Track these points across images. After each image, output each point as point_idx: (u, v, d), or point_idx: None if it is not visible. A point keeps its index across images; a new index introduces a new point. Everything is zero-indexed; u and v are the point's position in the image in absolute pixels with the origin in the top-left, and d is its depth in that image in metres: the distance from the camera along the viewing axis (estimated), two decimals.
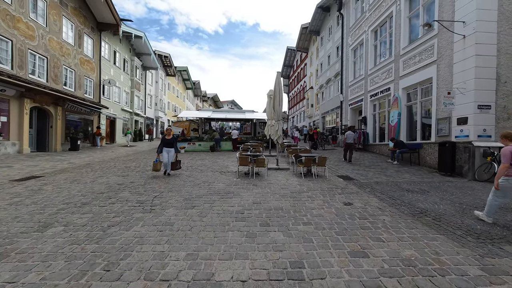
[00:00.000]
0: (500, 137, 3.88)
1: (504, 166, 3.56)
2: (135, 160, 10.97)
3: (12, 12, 10.08)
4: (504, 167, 3.57)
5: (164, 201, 4.87)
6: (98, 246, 2.99)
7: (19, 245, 3.01)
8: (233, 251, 2.92)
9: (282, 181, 6.95)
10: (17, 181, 6.64)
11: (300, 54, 35.27)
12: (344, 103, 18.50)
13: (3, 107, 9.91)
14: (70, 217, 3.96)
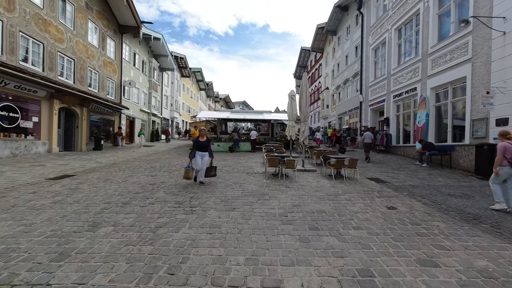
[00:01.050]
0: (498, 135, 4.86)
1: (499, 158, 4.52)
2: (158, 160, 11.08)
3: (44, 16, 10.42)
4: (498, 159, 4.52)
5: (202, 203, 4.82)
6: (154, 248, 2.94)
7: (76, 245, 3.01)
8: (292, 256, 2.81)
9: (313, 183, 6.79)
10: (52, 179, 6.79)
11: (315, 55, 34.86)
12: (364, 104, 18.09)
13: (34, 108, 10.24)
14: (115, 217, 3.97)
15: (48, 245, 2.99)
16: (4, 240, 3.13)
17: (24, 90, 9.41)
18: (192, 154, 6.25)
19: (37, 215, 4.02)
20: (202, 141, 6.34)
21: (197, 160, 6.24)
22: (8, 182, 6.17)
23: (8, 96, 9.07)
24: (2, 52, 8.68)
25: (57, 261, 2.64)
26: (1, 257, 2.70)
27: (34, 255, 2.76)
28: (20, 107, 9.54)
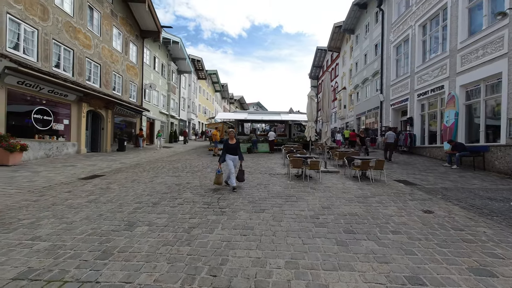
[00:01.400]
0: None
1: None
2: (179, 161, 11.28)
3: (74, 24, 10.96)
4: None
5: (230, 204, 4.82)
6: (191, 249, 2.96)
7: (117, 243, 3.09)
8: (332, 260, 2.72)
9: (338, 185, 6.62)
10: (84, 179, 7.08)
11: (331, 54, 34.27)
12: (385, 103, 17.52)
13: (65, 111, 10.77)
14: (148, 217, 4.05)
15: (91, 243, 3.09)
16: (50, 237, 3.27)
17: (57, 94, 9.93)
18: (222, 157, 5.94)
19: (75, 214, 4.19)
20: (232, 143, 6.04)
21: (228, 164, 5.95)
22: (45, 182, 6.50)
23: (42, 100, 9.60)
24: (37, 59, 9.22)
25: (101, 259, 2.71)
26: (50, 254, 2.82)
27: (79, 252, 2.86)
28: (52, 110, 10.07)
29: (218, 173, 5.86)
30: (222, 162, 5.96)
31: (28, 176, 6.93)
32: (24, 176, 6.96)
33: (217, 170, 5.90)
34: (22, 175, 7.00)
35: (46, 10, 9.48)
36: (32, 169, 7.79)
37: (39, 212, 4.24)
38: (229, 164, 5.93)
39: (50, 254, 2.80)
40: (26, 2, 8.61)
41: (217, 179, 5.88)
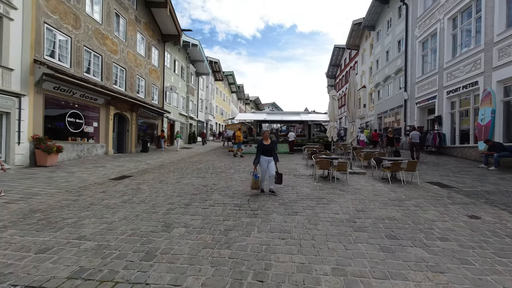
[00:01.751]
0: None
1: None
2: (201, 162, 11.42)
3: (102, 30, 11.46)
4: None
5: (261, 206, 4.78)
6: (232, 252, 2.93)
7: (157, 245, 3.13)
8: (381, 268, 2.59)
9: (368, 187, 6.39)
10: (114, 180, 7.33)
11: (349, 52, 33.45)
12: (409, 102, 16.78)
13: (94, 114, 11.27)
14: (183, 218, 4.09)
15: (133, 244, 3.16)
16: (94, 237, 3.38)
17: (87, 98, 10.41)
18: (257, 160, 5.52)
19: (113, 214, 4.32)
20: (267, 144, 5.61)
21: (262, 167, 5.56)
22: (80, 182, 6.80)
23: (74, 104, 10.11)
24: (70, 65, 9.71)
25: (146, 260, 2.75)
26: (97, 253, 2.91)
27: (124, 253, 2.92)
28: (83, 114, 10.57)
29: (256, 177, 5.43)
30: (257, 165, 5.55)
31: (64, 177, 7.29)
32: (61, 176, 7.33)
33: (253, 174, 5.47)
34: (59, 176, 7.37)
35: (78, 18, 9.98)
36: (67, 170, 8.20)
37: (80, 212, 4.42)
38: (263, 166, 5.58)
39: (97, 254, 2.89)
40: (61, 12, 9.11)
41: (254, 183, 5.48)
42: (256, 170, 5.51)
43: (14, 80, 7.48)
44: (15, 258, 2.80)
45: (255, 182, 5.49)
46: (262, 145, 5.63)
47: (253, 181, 5.50)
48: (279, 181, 5.65)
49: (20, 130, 7.69)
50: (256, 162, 5.55)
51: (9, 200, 4.99)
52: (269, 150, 5.61)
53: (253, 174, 5.48)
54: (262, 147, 5.61)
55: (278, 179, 5.62)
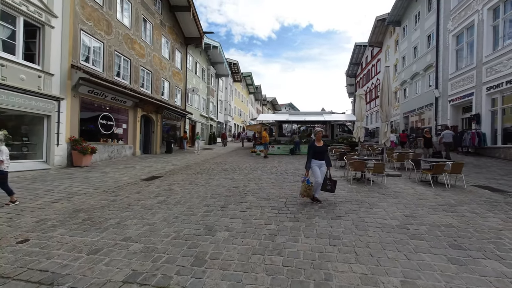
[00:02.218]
0: None
1: None
2: (225, 163, 11.40)
3: (131, 35, 11.83)
4: None
5: (299, 209, 4.58)
6: (285, 259, 2.77)
7: (204, 249, 3.04)
8: (460, 283, 2.31)
9: (408, 190, 5.98)
10: (146, 180, 7.45)
11: (371, 50, 32.35)
12: (441, 100, 15.81)
13: (123, 116, 11.64)
14: (223, 221, 4.00)
15: (180, 247, 3.09)
16: (139, 238, 3.36)
17: (117, 101, 10.76)
18: (308, 164, 4.88)
19: (152, 215, 4.32)
20: (319, 146, 4.94)
21: (314, 171, 4.88)
22: (114, 182, 6.97)
23: (106, 107, 10.48)
24: (103, 69, 10.09)
25: (197, 265, 2.66)
26: (147, 256, 2.86)
27: (173, 257, 2.86)
28: (113, 116, 10.94)
29: (308, 183, 4.75)
30: (309, 169, 4.87)
31: (99, 177, 7.51)
32: (96, 176, 7.56)
33: (305, 179, 4.76)
34: (94, 176, 7.62)
35: (110, 24, 10.36)
36: (100, 170, 8.47)
37: (120, 212, 4.47)
38: (314, 171, 4.87)
39: (147, 257, 2.85)
40: (95, 19, 9.49)
41: (306, 190, 4.79)
42: (308, 175, 4.82)
43: (54, 84, 7.85)
44: (69, 258, 2.82)
45: (307, 189, 4.78)
46: (313, 147, 4.94)
47: (305, 188, 4.78)
48: (333, 188, 4.95)
49: (59, 132, 8.06)
50: (308, 166, 4.89)
51: (53, 200, 5.18)
52: (321, 152, 4.92)
53: (304, 180, 4.77)
54: (314, 149, 4.93)
55: (332, 186, 4.93)
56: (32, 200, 5.05)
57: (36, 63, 7.42)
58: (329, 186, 4.92)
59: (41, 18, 7.35)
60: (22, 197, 5.21)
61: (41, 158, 7.79)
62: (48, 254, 2.91)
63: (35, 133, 7.74)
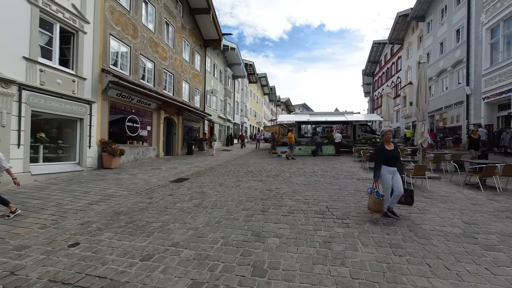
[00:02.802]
0: None
1: None
2: (248, 165, 11.26)
3: (155, 39, 12.01)
4: None
5: (346, 213, 4.34)
6: (352, 271, 2.55)
7: (259, 257, 2.88)
8: None
9: (455, 194, 5.57)
10: (174, 182, 7.43)
11: (391, 48, 31.33)
12: (473, 97, 14.91)
13: (147, 118, 11.81)
14: (268, 227, 3.83)
15: (233, 255, 2.94)
16: (187, 244, 3.25)
17: (142, 103, 10.92)
18: (377, 172, 4.00)
19: (193, 219, 4.22)
20: (391, 150, 4.06)
21: (385, 181, 3.99)
22: (145, 184, 7.00)
23: (132, 109, 10.66)
24: (129, 73, 10.28)
25: (258, 275, 2.50)
26: (202, 265, 2.74)
27: (230, 265, 2.71)
28: (139, 118, 11.11)
29: (378, 195, 3.87)
30: (378, 178, 4.01)
31: (129, 178, 7.58)
32: (126, 178, 7.64)
33: (373, 190, 3.93)
34: (124, 177, 7.70)
35: (136, 28, 10.54)
36: (129, 172, 8.57)
37: (159, 215, 4.41)
38: (385, 180, 3.99)
39: (202, 265, 2.72)
40: (122, 24, 9.69)
41: (376, 204, 3.88)
42: (377, 186, 3.97)
43: (87, 88, 8.04)
44: (124, 264, 2.74)
45: (377, 203, 3.87)
46: (383, 151, 4.04)
47: (374, 201, 3.89)
48: (410, 200, 4.16)
49: (91, 135, 8.24)
50: (377, 174, 4.00)
51: (92, 201, 5.22)
52: (393, 158, 4.03)
53: (372, 191, 3.93)
54: (384, 153, 4.02)
55: (408, 198, 4.15)
56: (72, 202, 5.11)
57: (70, 68, 7.62)
58: (403, 198, 4.10)
59: (75, 24, 7.54)
60: (62, 198, 5.30)
61: (75, 160, 7.98)
62: (102, 259, 2.85)
63: (69, 136, 7.94)
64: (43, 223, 3.99)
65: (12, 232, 3.64)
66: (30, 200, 5.09)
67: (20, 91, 6.08)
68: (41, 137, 7.10)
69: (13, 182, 4.38)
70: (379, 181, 4.03)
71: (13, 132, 5.99)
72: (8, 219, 4.06)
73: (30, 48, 6.31)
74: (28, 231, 3.67)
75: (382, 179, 4.02)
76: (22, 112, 6.16)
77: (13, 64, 5.96)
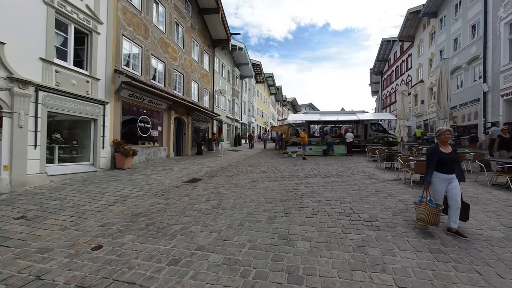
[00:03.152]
0: None
1: None
2: (260, 165, 11.10)
3: (165, 39, 11.99)
4: None
5: (372, 216, 4.14)
6: (396, 278, 2.38)
7: (292, 262, 2.72)
8: None
9: (484, 195, 5.31)
10: (188, 182, 7.33)
11: (401, 45, 30.76)
12: (491, 94, 14.43)
13: (158, 119, 11.78)
14: (294, 229, 3.66)
15: (263, 259, 2.79)
16: (213, 248, 3.12)
17: (153, 104, 10.90)
18: (429, 177, 3.42)
19: (214, 221, 4.10)
20: (448, 153, 3.41)
21: (437, 190, 3.42)
22: (159, 184, 6.91)
23: (143, 110, 10.65)
24: (141, 73, 10.26)
25: (296, 283, 2.35)
26: (233, 270, 2.59)
27: (262, 271, 2.56)
28: (150, 119, 11.09)
29: (432, 203, 3.29)
30: (429, 185, 3.42)
31: (143, 179, 7.52)
32: (140, 178, 7.58)
33: (423, 199, 3.41)
34: (138, 178, 7.64)
35: (147, 29, 10.53)
36: (142, 172, 8.52)
37: (178, 217, 4.30)
38: (437, 189, 3.42)
39: (233, 271, 2.58)
40: (134, 24, 9.68)
41: (431, 215, 3.25)
42: (427, 193, 3.40)
43: (100, 89, 8.03)
44: (151, 269, 2.62)
45: (433, 213, 3.25)
46: (439, 154, 3.40)
47: (429, 210, 3.27)
48: (464, 216, 3.43)
49: (104, 135, 8.22)
50: (427, 180, 3.41)
51: (109, 202, 5.15)
52: (450, 163, 3.38)
53: (425, 200, 3.36)
54: (439, 156, 3.39)
55: (463, 212, 3.39)
56: (89, 203, 5.05)
57: (84, 68, 7.61)
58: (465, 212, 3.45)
59: (89, 25, 7.53)
60: (79, 199, 5.25)
61: (89, 160, 7.97)
62: (128, 264, 2.74)
63: (83, 136, 7.94)
64: (63, 225, 3.93)
65: (33, 234, 3.57)
66: (48, 201, 5.04)
67: (36, 92, 6.08)
68: (56, 137, 7.10)
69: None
70: (430, 189, 3.46)
71: (30, 133, 5.98)
72: (29, 221, 4.01)
73: (47, 49, 6.30)
74: (49, 233, 3.60)
75: (433, 188, 3.45)
76: (39, 113, 6.15)
77: (30, 65, 5.95)
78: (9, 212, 4.38)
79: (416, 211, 3.52)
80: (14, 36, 5.56)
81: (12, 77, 5.51)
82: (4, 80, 5.44)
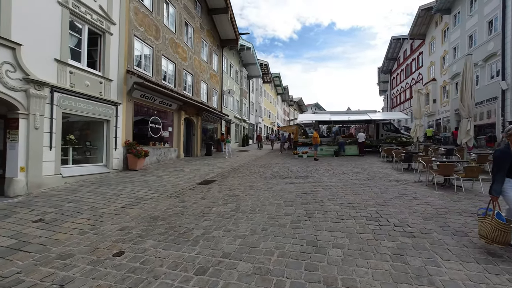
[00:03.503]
0: None
1: None
2: (271, 166, 10.92)
3: (176, 40, 11.93)
4: None
5: (401, 219, 3.92)
6: None
7: (328, 272, 2.54)
8: None
9: None
10: (202, 184, 7.21)
11: (411, 43, 30.16)
12: (510, 92, 13.93)
13: (169, 119, 11.73)
14: (322, 235, 3.48)
15: (297, 269, 2.62)
16: (240, 255, 2.96)
17: (164, 104, 10.84)
18: (498, 185, 2.86)
19: (235, 225, 3.94)
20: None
21: (508, 197, 2.89)
22: (173, 186, 6.81)
23: (154, 110, 10.60)
24: (152, 73, 10.21)
25: None
26: (266, 281, 2.43)
27: (298, 282, 2.39)
28: (161, 119, 11.03)
29: (500, 218, 2.78)
30: (498, 195, 2.89)
31: (156, 180, 7.42)
32: (153, 180, 7.49)
33: (490, 212, 2.90)
34: (151, 179, 7.55)
35: (158, 29, 10.48)
36: (154, 174, 8.44)
37: (197, 221, 4.16)
38: (509, 198, 2.89)
39: (266, 282, 2.41)
40: (145, 25, 9.63)
41: (500, 232, 2.73)
42: (494, 206, 2.89)
43: (113, 89, 7.99)
44: (179, 279, 2.48)
45: (500, 231, 2.73)
46: (509, 156, 2.86)
47: (495, 227, 2.76)
48: None
49: (117, 136, 8.17)
50: (497, 189, 2.87)
51: (124, 205, 5.05)
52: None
53: (488, 213, 2.92)
54: (511, 159, 2.85)
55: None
56: (105, 206, 4.96)
57: (97, 69, 7.57)
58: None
59: (102, 25, 7.49)
60: (95, 202, 5.17)
61: (102, 162, 7.93)
62: (153, 272, 2.60)
63: (96, 137, 7.90)
64: (81, 228, 3.83)
65: (52, 238, 3.48)
66: (64, 203, 4.97)
67: (52, 93, 6.04)
68: (71, 139, 7.07)
69: None
70: (504, 199, 2.90)
71: (46, 134, 5.94)
72: (47, 224, 3.92)
73: (61, 50, 6.26)
74: (68, 237, 3.50)
75: (508, 197, 2.86)
76: (54, 114, 6.11)
77: (45, 67, 5.92)
78: (27, 214, 4.32)
79: (480, 226, 2.99)
80: (29, 37, 5.53)
81: (28, 79, 5.48)
82: (21, 81, 5.41)
